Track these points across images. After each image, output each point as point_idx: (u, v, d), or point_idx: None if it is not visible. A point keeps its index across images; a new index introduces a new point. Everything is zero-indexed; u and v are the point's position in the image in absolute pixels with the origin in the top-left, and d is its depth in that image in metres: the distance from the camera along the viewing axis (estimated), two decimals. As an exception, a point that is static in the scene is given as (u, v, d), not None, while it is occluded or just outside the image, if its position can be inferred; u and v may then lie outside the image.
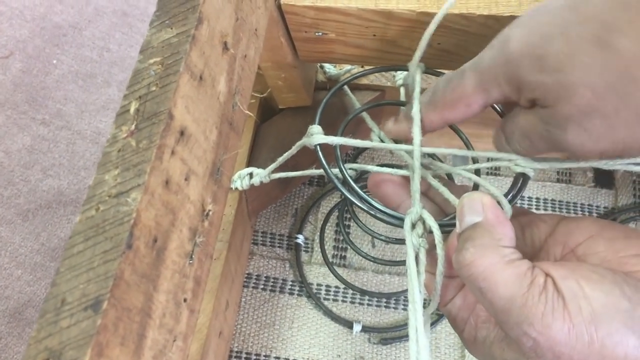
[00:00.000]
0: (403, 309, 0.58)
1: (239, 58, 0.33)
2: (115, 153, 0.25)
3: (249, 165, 0.50)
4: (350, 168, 0.38)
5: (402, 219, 0.33)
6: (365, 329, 0.56)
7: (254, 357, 0.56)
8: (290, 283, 0.59)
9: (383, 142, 0.40)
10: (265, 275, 0.60)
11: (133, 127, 0.25)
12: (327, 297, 0.59)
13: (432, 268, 0.32)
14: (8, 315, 0.68)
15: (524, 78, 0.28)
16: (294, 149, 0.38)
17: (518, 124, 0.30)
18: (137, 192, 0.23)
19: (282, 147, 0.44)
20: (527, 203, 0.63)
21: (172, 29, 0.28)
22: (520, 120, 0.30)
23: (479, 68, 0.30)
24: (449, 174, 0.41)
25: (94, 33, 0.89)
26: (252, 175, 0.43)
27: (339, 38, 0.43)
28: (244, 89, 0.35)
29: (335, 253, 0.61)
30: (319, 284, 0.59)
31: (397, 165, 0.38)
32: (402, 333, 0.56)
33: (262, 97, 0.56)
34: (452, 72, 0.33)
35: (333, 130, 0.37)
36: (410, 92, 0.36)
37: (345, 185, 0.35)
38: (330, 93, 0.40)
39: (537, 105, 0.29)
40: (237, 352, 0.56)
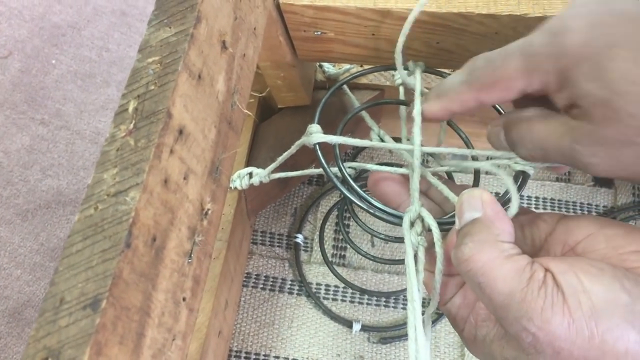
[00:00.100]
0: (403, 308, 0.58)
1: (238, 57, 0.33)
2: (114, 152, 0.25)
3: (248, 165, 0.51)
4: (350, 167, 0.38)
5: (401, 217, 0.33)
6: (365, 328, 0.56)
7: (254, 356, 0.56)
8: (290, 282, 0.59)
9: (382, 141, 0.40)
10: (265, 275, 0.60)
11: (131, 126, 0.25)
12: (326, 296, 0.59)
13: (431, 266, 0.32)
14: (7, 315, 0.68)
15: (578, 82, 0.26)
16: (293, 148, 0.38)
17: (534, 131, 0.29)
18: (135, 191, 0.23)
19: (281, 146, 0.44)
20: (526, 202, 0.63)
21: (170, 28, 0.28)
22: (539, 128, 0.29)
23: (528, 51, 0.28)
24: (449, 173, 0.41)
25: (93, 33, 0.89)
26: (251, 175, 0.43)
27: (338, 37, 0.43)
28: (243, 88, 0.35)
29: (335, 252, 0.61)
30: (319, 283, 0.59)
31: (396, 164, 0.38)
32: (401, 332, 0.56)
33: (261, 96, 0.56)
34: (492, 51, 0.31)
35: (332, 130, 0.37)
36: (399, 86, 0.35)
37: (345, 184, 0.35)
38: (330, 92, 0.40)
39: (568, 115, 0.28)
40: (236, 351, 0.56)
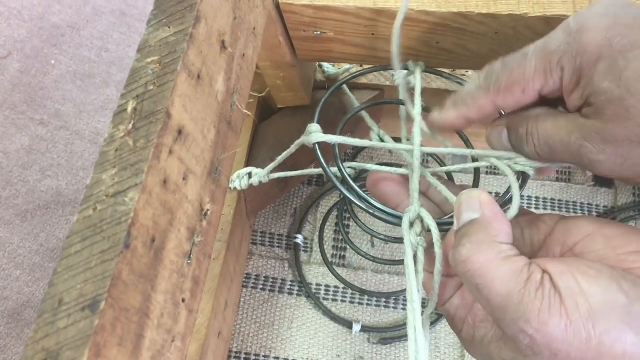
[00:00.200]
0: (403, 309, 0.58)
1: (237, 57, 0.33)
2: (113, 152, 0.24)
3: (248, 165, 0.50)
4: (349, 167, 0.38)
5: (400, 218, 0.33)
6: (365, 329, 0.56)
7: (253, 357, 0.55)
8: (290, 283, 0.59)
9: (382, 141, 0.40)
10: (265, 275, 0.59)
11: (130, 126, 0.25)
12: (326, 297, 0.58)
13: (430, 267, 0.32)
14: (7, 316, 0.68)
15: (593, 79, 0.27)
16: (293, 148, 0.38)
17: (543, 128, 0.30)
18: (134, 191, 0.23)
19: (281, 146, 0.44)
20: (526, 202, 0.63)
21: (169, 28, 0.28)
22: (547, 125, 0.29)
23: (545, 51, 0.29)
24: (449, 174, 0.41)
25: (92, 33, 0.88)
26: (251, 175, 0.43)
27: (338, 37, 0.43)
28: (243, 88, 0.35)
29: (335, 253, 0.61)
30: (319, 284, 0.59)
31: (396, 165, 0.38)
32: (401, 333, 0.56)
33: (260, 96, 0.56)
34: (508, 56, 0.31)
35: (332, 130, 0.37)
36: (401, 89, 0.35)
37: (344, 184, 0.35)
38: (330, 92, 0.40)
39: (579, 113, 0.28)
40: (236, 352, 0.56)
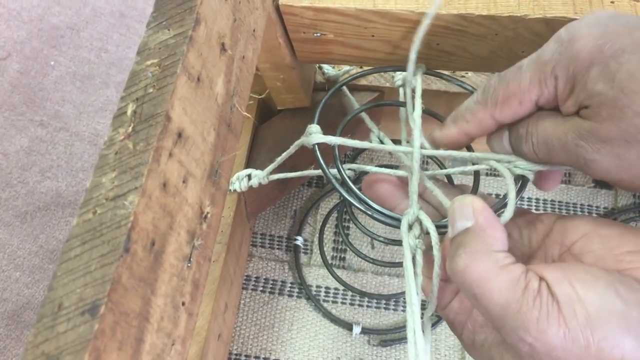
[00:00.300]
0: (403, 311, 0.58)
1: (237, 59, 0.33)
2: (113, 156, 0.24)
3: (248, 167, 0.50)
4: (349, 169, 0.38)
5: (399, 220, 0.33)
6: (365, 331, 0.56)
7: (253, 359, 0.55)
8: (290, 285, 0.59)
9: (382, 142, 0.40)
10: (264, 277, 0.59)
11: (130, 129, 0.25)
12: (326, 298, 0.58)
13: (429, 271, 0.32)
14: (6, 318, 0.68)
15: (587, 83, 0.27)
16: (293, 149, 0.38)
17: (542, 127, 0.30)
18: (134, 195, 0.23)
19: (280, 148, 0.43)
20: (526, 204, 0.63)
21: (169, 30, 0.27)
22: (547, 125, 0.29)
23: (539, 61, 0.29)
24: (448, 176, 0.41)
25: (92, 34, 0.88)
26: (250, 177, 0.43)
27: (338, 39, 0.43)
28: (242, 91, 0.34)
29: (335, 254, 0.60)
30: (319, 286, 0.59)
31: (396, 166, 0.38)
32: (402, 335, 0.56)
33: (260, 98, 0.56)
34: (505, 70, 0.31)
35: (332, 131, 0.37)
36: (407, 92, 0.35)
37: (344, 186, 0.35)
38: (330, 93, 0.39)
39: (577, 115, 0.28)
40: (236, 354, 0.56)
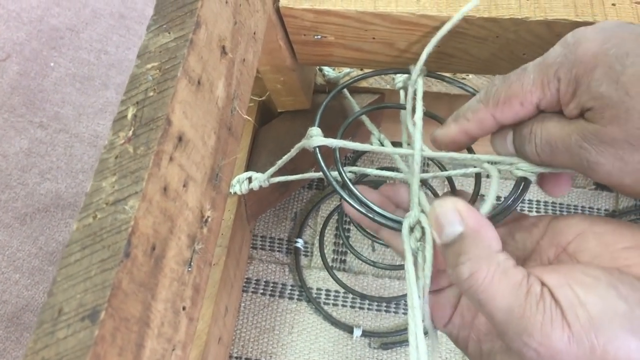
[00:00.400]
0: (404, 313, 0.57)
1: (238, 62, 0.33)
2: (113, 160, 0.24)
3: (248, 170, 0.50)
4: (350, 171, 0.38)
5: (400, 223, 0.33)
6: (366, 334, 0.56)
7: (254, 362, 0.55)
8: (290, 287, 0.59)
9: (383, 145, 0.40)
10: (265, 280, 0.59)
11: (130, 133, 0.25)
12: (327, 301, 0.58)
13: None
14: (6, 320, 0.68)
15: (590, 86, 0.27)
16: (293, 151, 0.38)
17: (546, 128, 0.30)
18: (134, 199, 0.23)
19: (281, 151, 0.43)
20: (527, 206, 0.63)
21: (169, 34, 0.27)
22: (551, 125, 0.29)
23: (543, 63, 0.29)
24: (449, 178, 0.41)
25: (92, 35, 0.88)
26: (251, 180, 0.43)
27: (338, 41, 0.43)
28: (243, 94, 0.34)
29: (335, 257, 0.60)
30: (319, 289, 0.59)
31: (397, 169, 0.38)
32: (403, 337, 0.56)
33: (260, 100, 0.55)
34: (512, 71, 0.31)
35: (332, 134, 0.36)
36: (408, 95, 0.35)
37: (345, 189, 0.35)
38: (330, 96, 0.39)
39: (581, 118, 0.28)
40: (236, 357, 0.55)
